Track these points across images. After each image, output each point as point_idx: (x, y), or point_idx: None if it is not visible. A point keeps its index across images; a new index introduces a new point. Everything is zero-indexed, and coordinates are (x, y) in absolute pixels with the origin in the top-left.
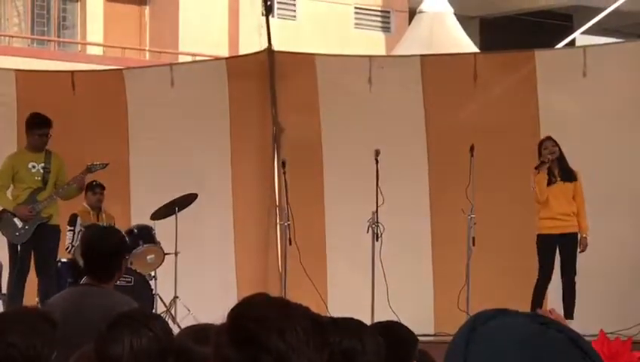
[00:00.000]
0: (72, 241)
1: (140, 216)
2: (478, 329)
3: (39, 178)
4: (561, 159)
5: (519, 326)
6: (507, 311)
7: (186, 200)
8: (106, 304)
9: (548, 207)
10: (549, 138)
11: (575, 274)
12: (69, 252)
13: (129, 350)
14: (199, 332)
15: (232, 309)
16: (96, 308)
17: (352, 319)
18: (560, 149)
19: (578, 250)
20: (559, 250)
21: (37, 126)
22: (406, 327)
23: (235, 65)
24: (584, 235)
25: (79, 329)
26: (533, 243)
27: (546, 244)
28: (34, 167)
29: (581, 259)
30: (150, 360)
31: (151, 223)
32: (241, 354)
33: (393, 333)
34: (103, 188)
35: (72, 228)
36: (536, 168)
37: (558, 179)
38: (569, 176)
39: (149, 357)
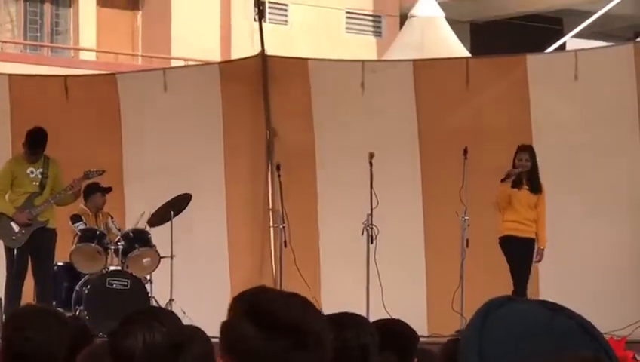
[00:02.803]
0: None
1: (133, 220)
2: (491, 315)
3: (37, 183)
4: (532, 172)
5: (530, 311)
6: (518, 298)
7: (181, 202)
8: None
9: (513, 210)
10: (525, 148)
11: (527, 280)
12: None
13: (142, 344)
14: None
15: (239, 299)
16: None
17: (356, 314)
18: (534, 162)
19: (535, 259)
20: (516, 252)
21: (29, 146)
22: (407, 324)
23: (228, 69)
24: (542, 247)
25: None
26: None
27: (510, 245)
28: (32, 172)
29: (577, 260)
30: (162, 355)
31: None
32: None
33: (395, 330)
34: (109, 191)
35: (77, 223)
36: (502, 181)
37: (525, 186)
38: (536, 188)
39: (161, 351)
